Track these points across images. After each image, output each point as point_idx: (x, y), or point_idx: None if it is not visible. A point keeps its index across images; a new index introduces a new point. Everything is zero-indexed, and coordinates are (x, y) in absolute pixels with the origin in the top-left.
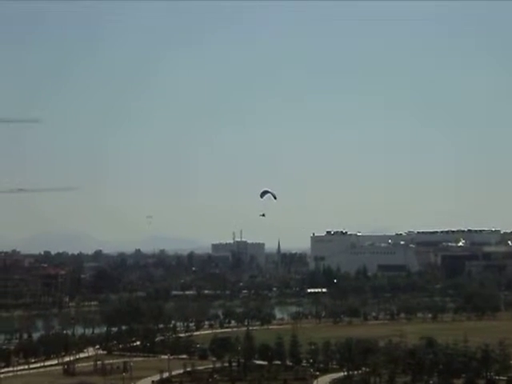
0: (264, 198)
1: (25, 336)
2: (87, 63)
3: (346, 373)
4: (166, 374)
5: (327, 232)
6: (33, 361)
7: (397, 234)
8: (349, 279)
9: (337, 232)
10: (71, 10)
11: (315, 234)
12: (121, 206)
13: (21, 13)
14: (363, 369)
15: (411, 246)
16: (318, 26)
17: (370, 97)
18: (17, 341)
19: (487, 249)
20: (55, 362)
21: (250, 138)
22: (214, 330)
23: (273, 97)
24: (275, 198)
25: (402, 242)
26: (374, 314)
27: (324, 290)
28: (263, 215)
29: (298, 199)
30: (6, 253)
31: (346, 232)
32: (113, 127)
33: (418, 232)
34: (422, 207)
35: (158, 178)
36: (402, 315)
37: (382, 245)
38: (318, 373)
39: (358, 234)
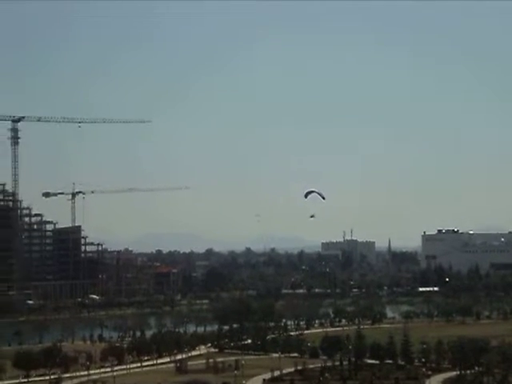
0: (308, 198)
1: (138, 334)
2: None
3: (458, 372)
4: (277, 373)
5: (438, 230)
6: (145, 358)
7: (510, 233)
8: (461, 278)
9: (448, 230)
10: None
11: (426, 233)
12: (231, 204)
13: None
14: (476, 368)
15: None
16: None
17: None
18: (130, 339)
19: None
20: (167, 359)
21: (357, 136)
22: (324, 329)
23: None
24: (323, 198)
25: None
26: (486, 313)
27: (436, 288)
28: (313, 216)
29: (408, 197)
30: (118, 252)
31: (458, 230)
32: (219, 127)
33: None
34: None
35: (266, 177)
36: None
37: (495, 243)
38: (430, 372)
39: (470, 232)
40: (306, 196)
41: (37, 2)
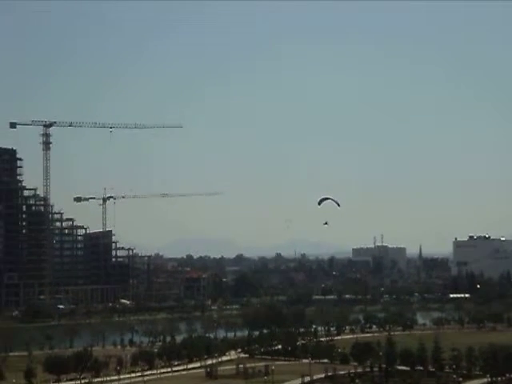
0: (321, 205)
1: (168, 339)
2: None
3: (489, 379)
4: (307, 378)
5: (470, 237)
6: (176, 363)
7: None
8: (492, 285)
9: (480, 237)
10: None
11: (458, 239)
12: (262, 210)
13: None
14: (507, 375)
15: None
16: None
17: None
18: (160, 344)
19: None
20: (198, 364)
21: (385, 143)
22: (355, 335)
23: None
24: (338, 205)
25: None
26: None
27: (467, 295)
28: (326, 223)
29: (439, 204)
30: (149, 257)
31: (490, 237)
32: (251, 133)
33: None
34: None
35: (297, 182)
36: None
37: None
38: (460, 379)
39: (502, 238)
40: (319, 203)
41: (68, 6)
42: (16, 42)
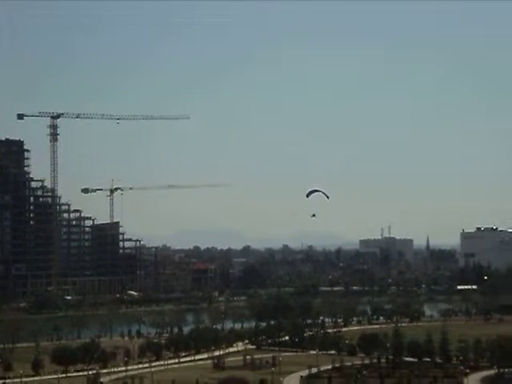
0: (310, 197)
1: (175, 330)
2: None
3: (496, 371)
4: (314, 370)
5: (477, 228)
6: (183, 355)
7: None
8: (500, 276)
9: (487, 228)
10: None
11: (465, 231)
12: (269, 201)
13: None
14: None
15: None
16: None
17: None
18: (167, 335)
19: None
20: (205, 356)
21: (395, 137)
22: (362, 326)
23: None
24: (327, 197)
25: None
26: None
27: (474, 286)
28: (314, 215)
29: (447, 195)
30: (156, 248)
31: (497, 228)
32: (257, 124)
33: None
34: None
35: (305, 174)
36: None
37: None
38: (468, 370)
39: (510, 230)
40: (308, 195)
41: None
42: (25, 35)
